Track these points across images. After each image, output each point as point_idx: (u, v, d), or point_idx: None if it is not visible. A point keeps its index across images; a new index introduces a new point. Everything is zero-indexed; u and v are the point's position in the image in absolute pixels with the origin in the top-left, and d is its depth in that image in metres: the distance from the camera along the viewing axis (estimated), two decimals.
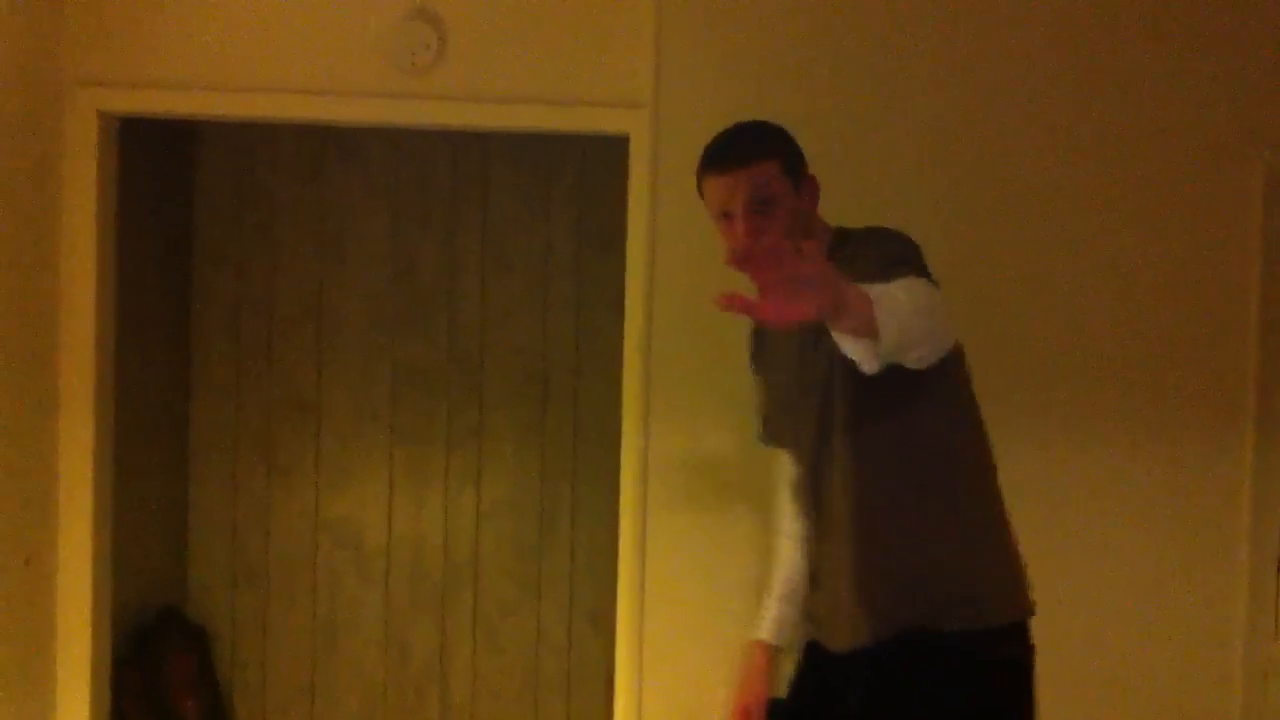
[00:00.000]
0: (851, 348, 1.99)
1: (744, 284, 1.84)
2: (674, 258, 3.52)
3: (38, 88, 3.16)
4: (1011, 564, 2.35)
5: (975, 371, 2.43)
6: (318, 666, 3.74)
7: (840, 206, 3.50)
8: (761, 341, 2.63)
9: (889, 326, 1.93)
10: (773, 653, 2.55)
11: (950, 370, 2.26)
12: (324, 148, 3.68)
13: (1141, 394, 3.40)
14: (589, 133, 3.53)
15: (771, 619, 2.57)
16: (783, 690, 2.57)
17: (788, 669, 2.59)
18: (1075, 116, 3.49)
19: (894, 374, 2.08)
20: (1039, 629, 2.34)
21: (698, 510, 3.54)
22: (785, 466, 2.57)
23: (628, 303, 3.54)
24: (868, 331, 1.92)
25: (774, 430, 2.56)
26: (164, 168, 3.72)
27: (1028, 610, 2.32)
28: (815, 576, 2.47)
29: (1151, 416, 3.40)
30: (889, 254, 2.24)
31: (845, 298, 1.84)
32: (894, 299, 1.97)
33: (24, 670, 3.11)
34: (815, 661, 2.46)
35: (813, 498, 2.42)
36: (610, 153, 3.56)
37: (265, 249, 3.70)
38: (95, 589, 3.23)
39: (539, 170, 3.65)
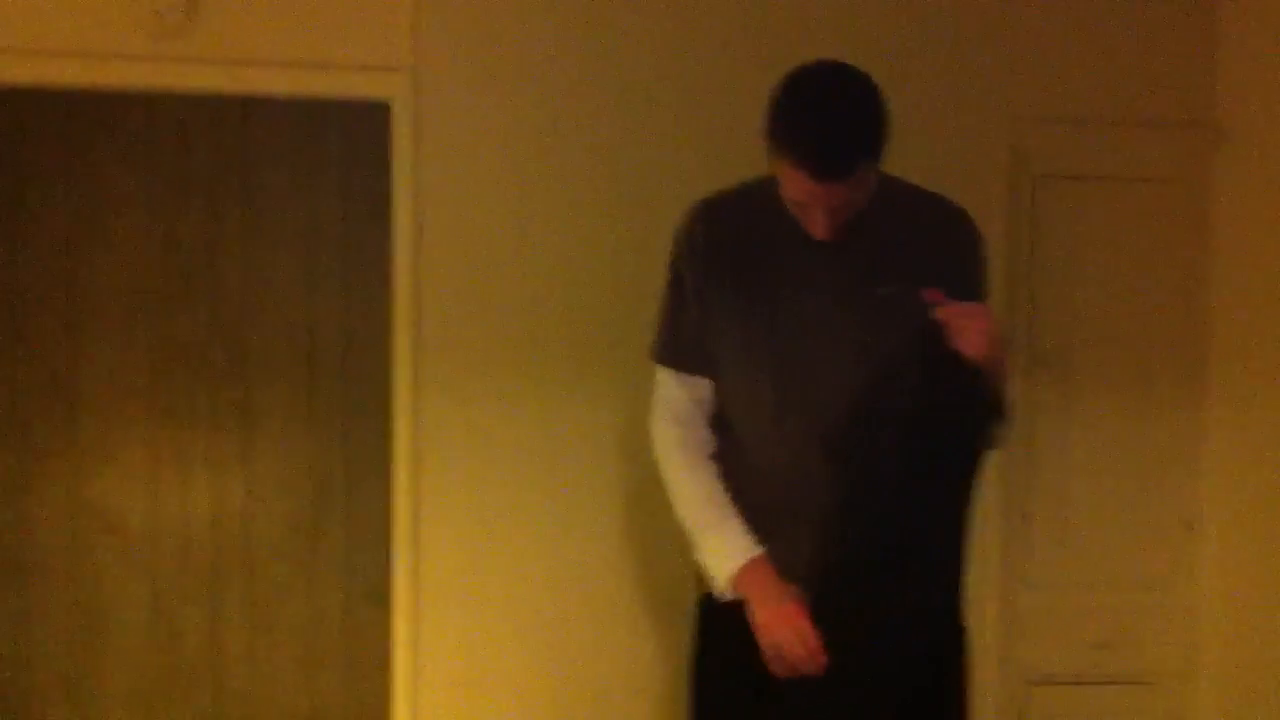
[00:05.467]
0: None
1: None
2: (442, 226, 3.45)
3: None
4: None
5: None
6: (83, 657, 3.58)
7: (613, 172, 3.49)
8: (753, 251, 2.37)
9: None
10: (767, 560, 2.35)
11: None
12: (76, 113, 3.48)
13: None
14: (348, 98, 3.42)
15: (738, 533, 2.38)
16: None
17: None
18: None
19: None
20: None
21: (472, 483, 3.50)
22: (684, 395, 2.49)
23: (395, 273, 3.45)
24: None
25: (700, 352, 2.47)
26: None
27: None
28: (778, 519, 2.38)
29: None
30: (983, 281, 2.46)
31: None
32: None
33: None
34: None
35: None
36: (377, 117, 3.45)
37: (13, 219, 3.49)
38: None
39: (303, 136, 3.52)
